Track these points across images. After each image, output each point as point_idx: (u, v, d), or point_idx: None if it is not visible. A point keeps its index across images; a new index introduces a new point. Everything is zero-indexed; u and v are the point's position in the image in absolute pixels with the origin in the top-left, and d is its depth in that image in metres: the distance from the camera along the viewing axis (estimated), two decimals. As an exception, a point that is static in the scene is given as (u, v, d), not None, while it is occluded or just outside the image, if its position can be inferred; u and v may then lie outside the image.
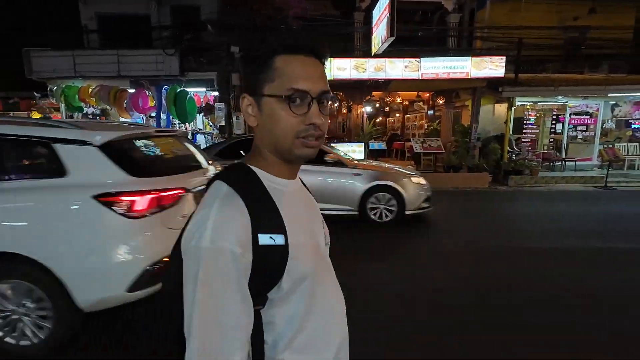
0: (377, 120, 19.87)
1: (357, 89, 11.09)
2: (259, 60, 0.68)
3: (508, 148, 10.52)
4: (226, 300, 0.61)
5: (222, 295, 0.60)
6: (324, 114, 0.69)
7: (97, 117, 11.55)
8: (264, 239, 0.64)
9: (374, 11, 8.80)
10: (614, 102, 11.53)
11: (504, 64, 9.32)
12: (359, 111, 11.85)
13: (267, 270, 0.65)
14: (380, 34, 8.29)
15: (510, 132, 11.17)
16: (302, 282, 0.69)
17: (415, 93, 12.64)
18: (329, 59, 9.30)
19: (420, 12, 12.08)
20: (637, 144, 11.69)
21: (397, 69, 9.21)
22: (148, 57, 9.43)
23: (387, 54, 9.67)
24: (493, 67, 9.30)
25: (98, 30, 10.81)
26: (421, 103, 13.51)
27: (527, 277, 3.77)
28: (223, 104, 9.34)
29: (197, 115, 10.65)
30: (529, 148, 11.64)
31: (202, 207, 0.65)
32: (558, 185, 9.95)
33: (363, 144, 10.28)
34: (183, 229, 0.68)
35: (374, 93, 11.88)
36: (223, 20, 9.02)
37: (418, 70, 9.21)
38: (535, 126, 11.71)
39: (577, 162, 11.18)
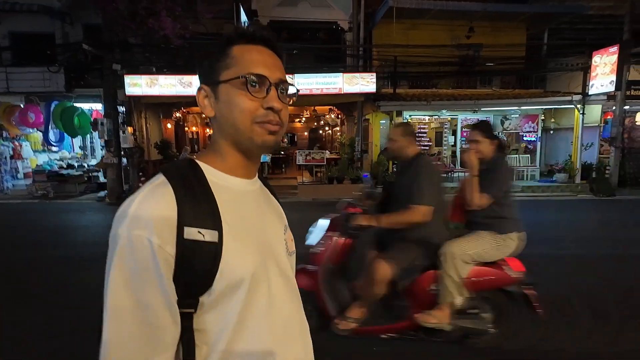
0: (319, 133, 20.39)
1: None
2: (216, 49, 0.68)
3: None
4: (142, 292, 0.56)
5: (137, 286, 0.56)
6: (283, 102, 0.68)
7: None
8: (191, 233, 0.59)
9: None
10: (503, 116, 12.05)
11: (374, 80, 9.79)
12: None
13: (195, 268, 0.59)
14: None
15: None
16: (237, 287, 0.63)
17: (314, 108, 13.08)
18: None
19: (323, 31, 12.60)
20: (529, 155, 12.16)
21: (272, 85, 9.62)
22: (35, 74, 9.79)
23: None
24: (364, 82, 9.76)
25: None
26: (333, 116, 13.96)
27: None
28: (106, 119, 9.66)
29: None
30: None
31: (131, 195, 0.62)
32: (437, 196, 10.31)
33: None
34: None
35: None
36: (105, 39, 9.41)
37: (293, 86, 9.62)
38: (427, 139, 12.20)
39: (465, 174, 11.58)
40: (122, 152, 10.08)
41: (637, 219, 7.83)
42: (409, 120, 11.27)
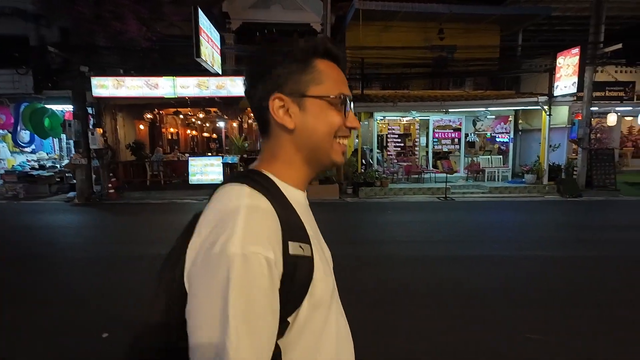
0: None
1: (231, 106, 11.58)
2: (300, 60, 0.65)
3: (362, 161, 10.96)
4: (263, 316, 0.52)
5: (258, 309, 0.51)
6: None
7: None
8: (295, 248, 0.56)
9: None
10: (475, 117, 12.09)
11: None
12: (234, 126, 12.32)
13: (294, 287, 0.56)
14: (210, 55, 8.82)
15: (375, 146, 11.69)
16: (320, 305, 0.61)
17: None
18: (173, 77, 9.85)
19: (296, 33, 12.69)
20: (501, 156, 12.20)
21: (238, 86, 9.70)
22: (4, 75, 9.90)
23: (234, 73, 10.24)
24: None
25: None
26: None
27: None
28: (75, 120, 9.75)
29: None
30: (396, 160, 12.14)
31: (221, 212, 0.56)
32: (404, 197, 10.35)
33: (221, 158, 10.74)
34: (179, 245, 0.59)
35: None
36: (72, 41, 9.51)
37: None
38: (399, 140, 12.25)
39: (438, 174, 11.62)
40: (93, 154, 10.16)
41: (592, 220, 7.87)
42: (379, 121, 11.33)
